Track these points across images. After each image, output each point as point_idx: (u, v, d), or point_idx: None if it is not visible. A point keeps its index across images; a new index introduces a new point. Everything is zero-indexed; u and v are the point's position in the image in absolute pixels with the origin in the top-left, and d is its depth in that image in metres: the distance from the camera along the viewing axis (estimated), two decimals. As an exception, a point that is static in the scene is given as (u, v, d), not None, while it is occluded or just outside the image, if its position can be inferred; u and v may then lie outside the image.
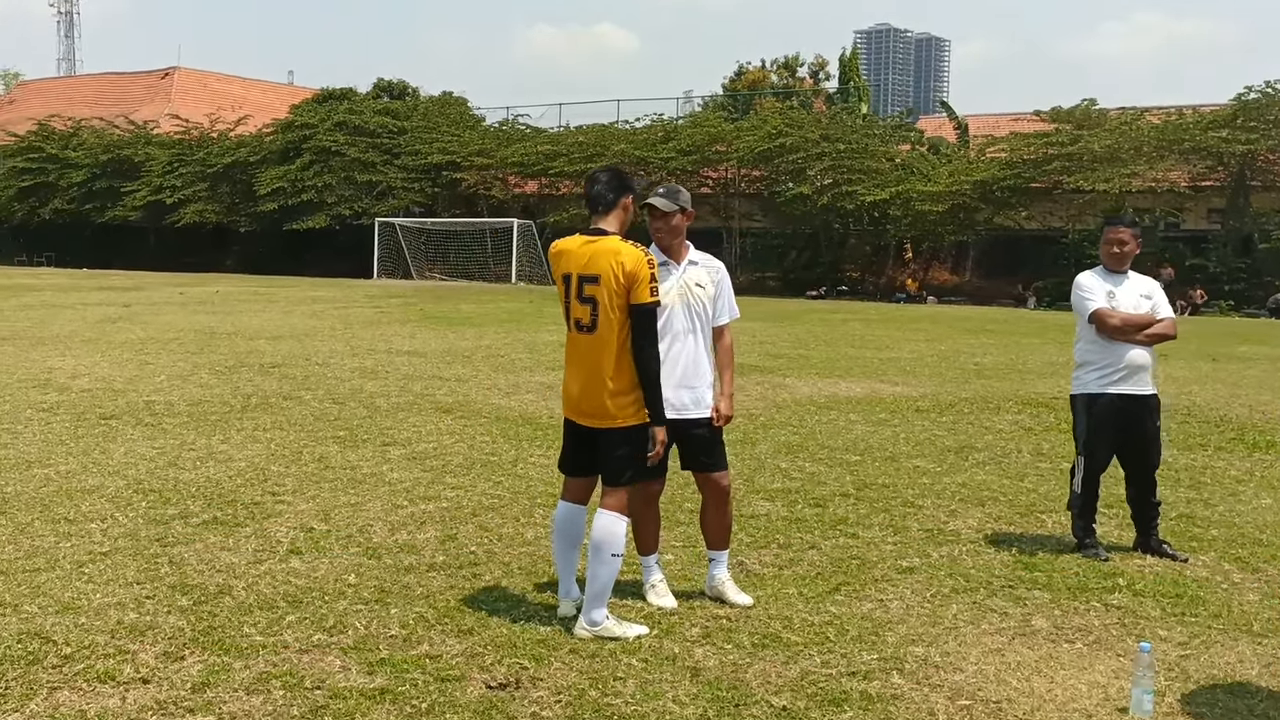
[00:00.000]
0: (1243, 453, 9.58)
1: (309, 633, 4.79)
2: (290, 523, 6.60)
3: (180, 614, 4.99)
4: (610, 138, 43.66)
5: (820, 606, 5.23)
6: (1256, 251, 35.29)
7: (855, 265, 42.07)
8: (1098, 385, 6.32)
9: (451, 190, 47.05)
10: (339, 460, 8.45)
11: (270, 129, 50.05)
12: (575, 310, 4.84)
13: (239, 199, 48.98)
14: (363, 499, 7.22)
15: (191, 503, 7.05)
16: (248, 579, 5.52)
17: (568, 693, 4.21)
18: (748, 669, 4.46)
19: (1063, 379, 14.61)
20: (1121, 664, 4.59)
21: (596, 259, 4.78)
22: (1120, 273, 6.49)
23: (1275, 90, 35.30)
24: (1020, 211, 38.06)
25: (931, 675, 4.43)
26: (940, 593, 5.49)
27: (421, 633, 4.81)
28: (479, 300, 30.51)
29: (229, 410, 10.68)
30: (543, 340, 18.48)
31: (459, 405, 11.27)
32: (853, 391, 13.05)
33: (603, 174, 5.00)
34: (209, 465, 8.19)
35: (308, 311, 24.39)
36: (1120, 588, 5.61)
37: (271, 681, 4.28)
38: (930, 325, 25.03)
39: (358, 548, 6.10)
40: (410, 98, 53.29)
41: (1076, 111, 38.30)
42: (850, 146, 38.90)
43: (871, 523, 6.83)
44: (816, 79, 62.37)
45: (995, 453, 9.31)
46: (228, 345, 16.69)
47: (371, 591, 5.35)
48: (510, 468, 8.29)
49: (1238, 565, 6.07)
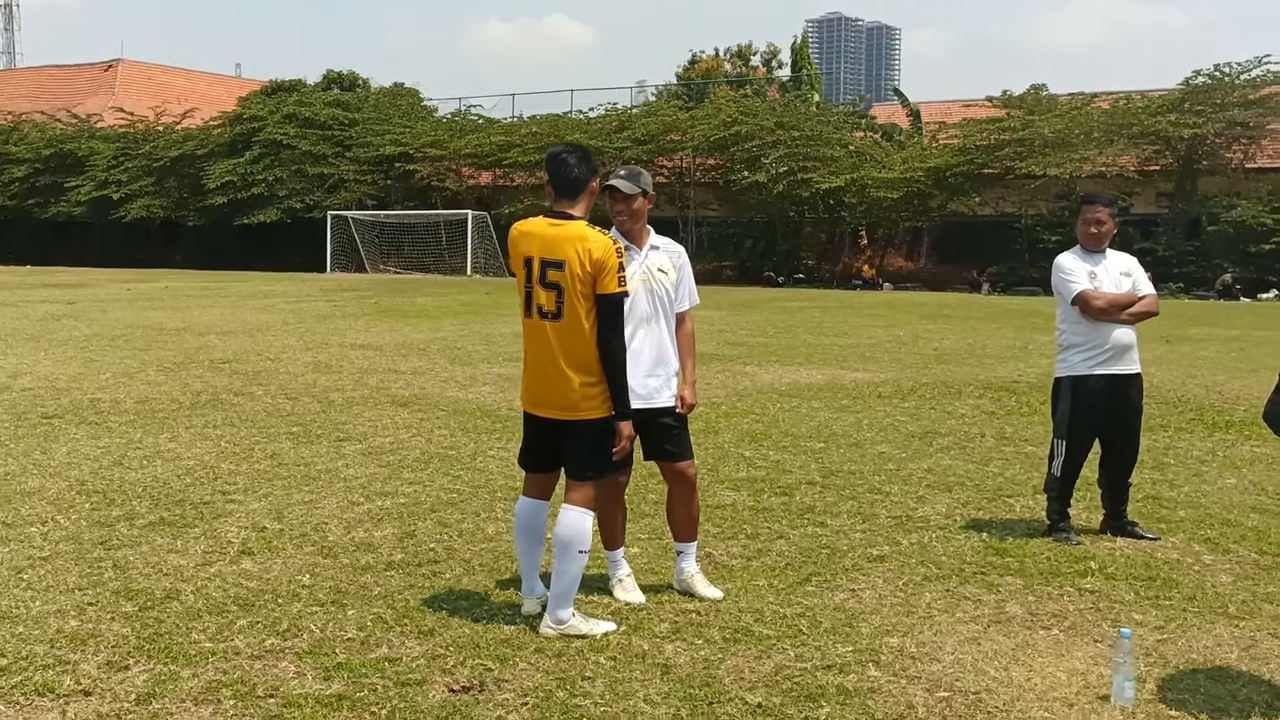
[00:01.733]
0: (1203, 433, 9.58)
1: (261, 637, 4.59)
2: (241, 522, 6.38)
3: (124, 620, 4.77)
4: (565, 128, 43.31)
5: (791, 598, 5.10)
6: (1204, 234, 35.65)
7: (811, 252, 42.07)
8: (1085, 367, 6.23)
9: (404, 182, 46.51)
10: (292, 457, 8.22)
11: (218, 122, 49.17)
12: (538, 296, 4.62)
13: (187, 193, 48.08)
14: (317, 496, 7.00)
15: (138, 503, 6.80)
16: (196, 582, 5.30)
17: (534, 694, 4.05)
18: (720, 665, 4.32)
19: (1022, 363, 14.64)
20: (1099, 650, 4.49)
21: (561, 244, 4.58)
22: (1099, 252, 6.39)
23: (1222, 74, 35.68)
24: (974, 197, 38.18)
25: (908, 667, 4.30)
26: (912, 581, 5.37)
27: (380, 635, 4.62)
28: (434, 293, 30.16)
29: (178, 407, 10.39)
30: (499, 332, 18.25)
31: (415, 399, 11.05)
32: (814, 378, 12.96)
33: (569, 154, 4.73)
34: (156, 464, 7.93)
35: (259, 306, 23.97)
36: (1092, 571, 5.53)
37: (221, 690, 4.07)
38: (887, 311, 25.04)
39: (312, 547, 5.89)
40: (361, 89, 52.52)
41: (1027, 97, 38.49)
42: (805, 134, 38.84)
43: (839, 511, 6.71)
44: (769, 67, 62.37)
45: (959, 437, 9.24)
46: (176, 341, 16.32)
47: (327, 592, 5.15)
48: (469, 462, 8.09)
49: (1208, 546, 6.01)
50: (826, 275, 40.34)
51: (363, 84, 53.60)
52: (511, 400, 10.97)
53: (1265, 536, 6.18)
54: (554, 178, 4.74)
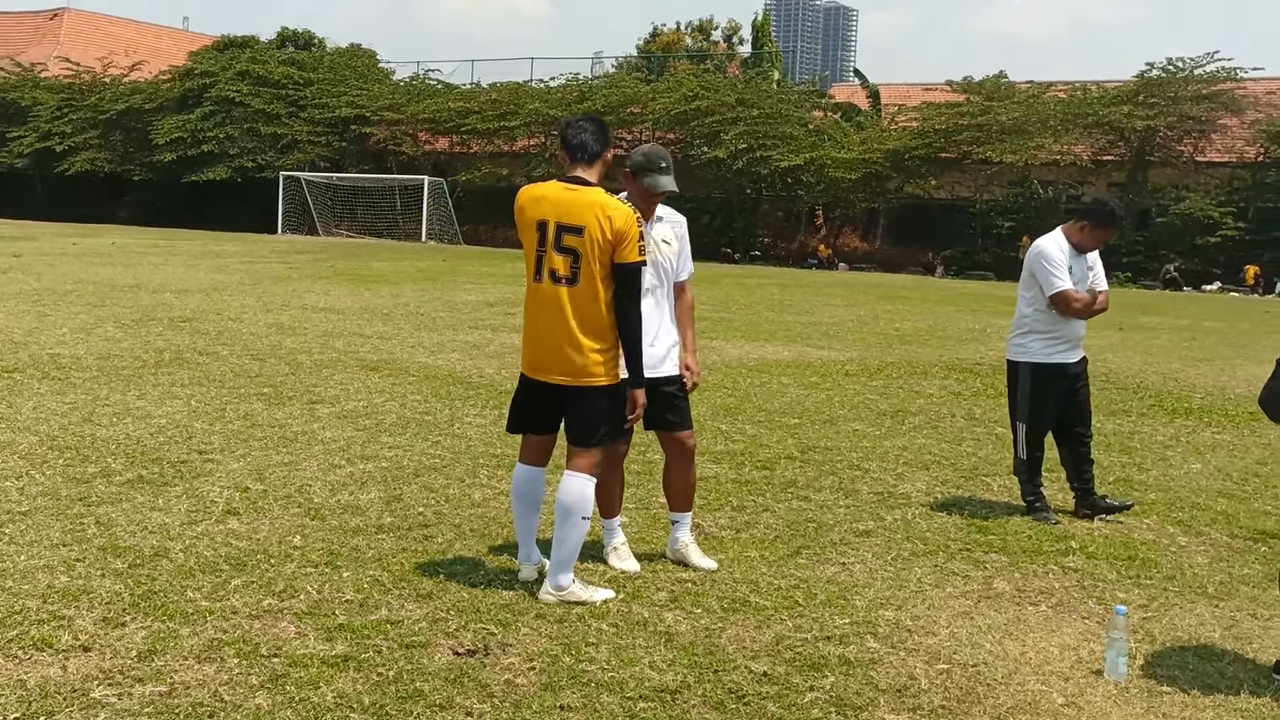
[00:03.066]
0: (1164, 419, 9.78)
1: (258, 597, 4.56)
2: (223, 482, 6.31)
3: (116, 577, 4.71)
4: (524, 96, 43.02)
5: (784, 570, 5.15)
6: (1153, 225, 36.29)
7: (767, 230, 42.25)
8: (1044, 355, 6.36)
9: (359, 145, 45.97)
10: (266, 418, 8.13)
11: (168, 76, 48.20)
12: (552, 260, 4.58)
13: (134, 148, 47.18)
14: (297, 458, 6.94)
15: (113, 460, 6.70)
16: (184, 540, 5.24)
17: (540, 659, 4.06)
18: (721, 634, 4.36)
19: (983, 345, 14.83)
20: (1088, 626, 4.60)
21: (581, 209, 4.54)
22: (1083, 255, 6.49)
23: (1176, 69, 36.22)
24: (930, 180, 38.55)
25: (906, 639, 4.38)
26: (900, 556, 5.45)
27: (378, 597, 4.60)
28: (390, 258, 29.88)
29: (142, 365, 10.23)
30: (461, 300, 18.14)
31: (385, 363, 10.97)
32: (780, 355, 13.04)
33: (588, 122, 4.73)
34: (127, 422, 7.81)
35: (213, 265, 23.61)
36: (1073, 550, 5.65)
37: (224, 649, 4.04)
38: (845, 291, 25.23)
39: (298, 508, 5.85)
40: (316, 49, 51.77)
41: (986, 83, 38.86)
42: (765, 112, 38.92)
43: (822, 486, 6.78)
44: (730, 43, 62.29)
45: (930, 417, 9.36)
46: (131, 298, 16.03)
47: (319, 554, 5.12)
48: (447, 427, 8.06)
49: (1181, 529, 6.16)
50: (782, 253, 40.55)
51: (318, 43, 52.85)
52: (483, 368, 10.93)
53: (1235, 520, 6.35)
54: (570, 144, 4.72)
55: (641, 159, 5.00)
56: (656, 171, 5.00)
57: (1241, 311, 24.71)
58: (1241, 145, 35.80)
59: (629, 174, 5.03)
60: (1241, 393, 11.43)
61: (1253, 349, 16.15)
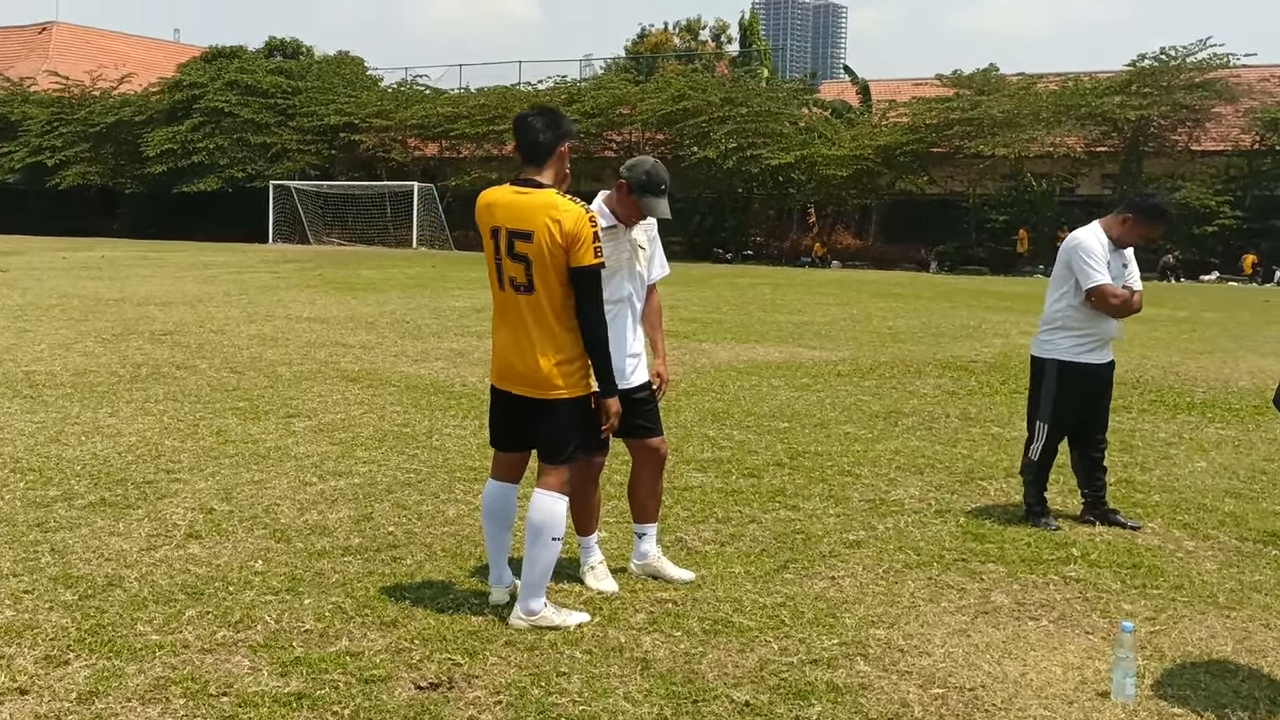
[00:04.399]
0: (1166, 415, 9.53)
1: (212, 629, 4.30)
2: (188, 503, 6.05)
3: (64, 610, 4.45)
4: (513, 100, 42.72)
5: (770, 586, 4.90)
6: (1149, 216, 36.01)
7: (759, 229, 41.99)
8: (1072, 353, 6.09)
9: (349, 153, 45.68)
10: (239, 434, 7.87)
11: (157, 88, 47.90)
12: (508, 268, 4.33)
13: (124, 161, 46.88)
14: (267, 476, 6.68)
15: (76, 482, 6.44)
16: (141, 568, 4.98)
17: (507, 691, 3.80)
18: (701, 659, 4.10)
19: (977, 342, 14.58)
20: (1092, 643, 4.34)
21: (529, 213, 4.29)
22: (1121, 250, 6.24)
23: (1168, 57, 36.00)
24: (922, 176, 38.31)
25: (898, 661, 4.12)
26: (892, 568, 5.20)
27: (339, 626, 4.35)
28: (380, 265, 29.61)
29: (117, 380, 9.97)
30: (448, 306, 17.88)
31: (366, 374, 10.71)
32: (771, 356, 12.79)
33: (535, 117, 4.43)
34: (95, 441, 7.55)
35: (200, 277, 23.35)
36: (1075, 559, 5.39)
37: (170, 688, 3.79)
38: (838, 289, 24.98)
39: (264, 530, 5.59)
40: (304, 57, 51.52)
41: (976, 77, 38.61)
42: (754, 110, 38.66)
43: (811, 494, 6.52)
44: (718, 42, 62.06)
45: (923, 418, 9.11)
46: (114, 312, 15.78)
47: (281, 580, 4.86)
48: (425, 440, 7.80)
49: (1187, 532, 5.90)
50: (775, 252, 40.30)
51: (306, 52, 52.64)
52: (465, 377, 10.68)
53: (1243, 522, 6.09)
54: (519, 142, 4.45)
55: (644, 178, 4.69)
56: (655, 194, 4.71)
57: (1240, 301, 24.47)
58: (1236, 133, 35.57)
59: (623, 185, 4.74)
60: (1245, 386, 11.18)
61: (1254, 340, 15.93)
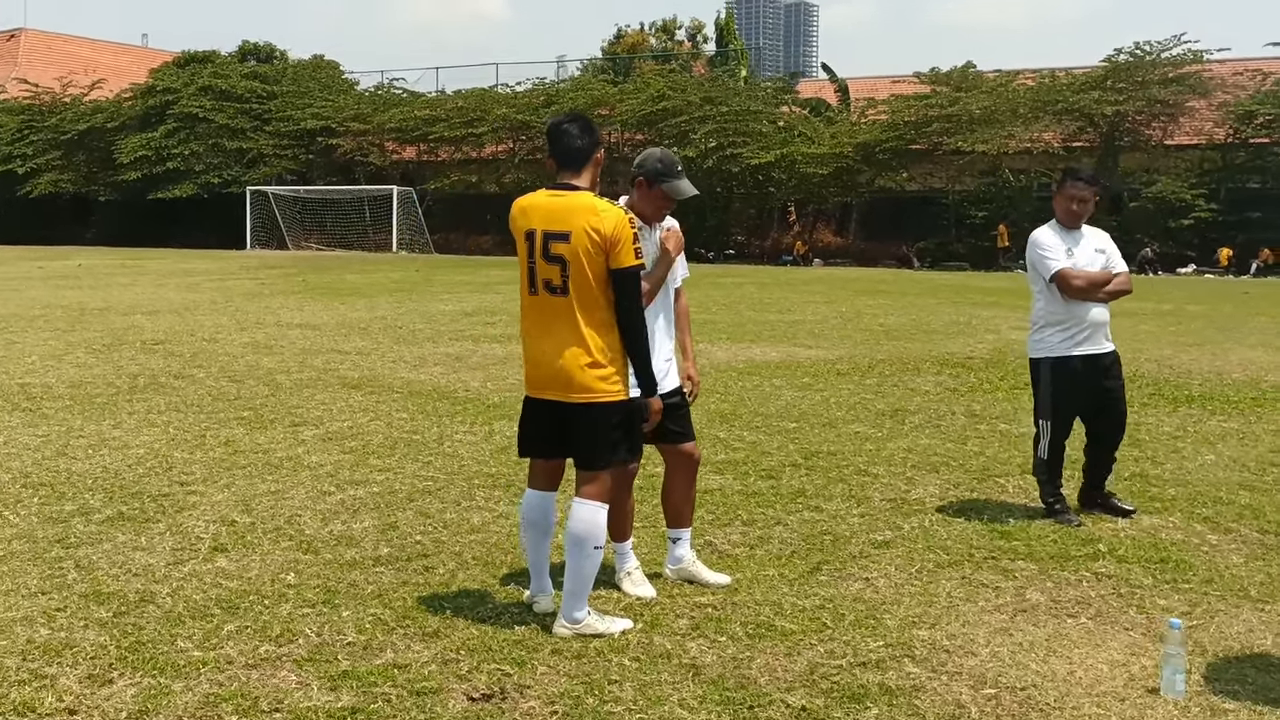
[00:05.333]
0: (1167, 408, 9.60)
1: (254, 644, 4.26)
2: (207, 515, 6.00)
3: (100, 628, 4.41)
4: (491, 101, 42.69)
5: (806, 589, 4.90)
6: (1126, 210, 36.29)
7: (740, 228, 42.04)
8: (1062, 348, 6.13)
9: (326, 157, 45.47)
10: (248, 443, 7.82)
11: (129, 94, 47.53)
12: (543, 270, 4.32)
13: (97, 168, 46.51)
14: (283, 486, 6.64)
15: (90, 497, 6.38)
16: (171, 583, 4.94)
17: (561, 701, 3.79)
18: (750, 664, 4.10)
19: (971, 339, 14.65)
20: (1133, 639, 4.37)
21: (567, 215, 4.29)
22: (1076, 229, 6.28)
23: (1144, 52, 36.28)
24: (901, 173, 38.48)
25: (946, 661, 4.13)
26: (925, 568, 5.21)
27: (382, 638, 4.32)
28: (362, 270, 29.49)
29: (115, 392, 9.88)
30: (438, 310, 17.83)
31: (366, 380, 10.65)
32: (769, 356, 12.81)
33: (571, 124, 4.44)
34: (103, 454, 7.48)
35: (183, 284, 23.18)
36: (1103, 554, 5.42)
37: (221, 705, 3.75)
38: (823, 287, 25.04)
39: (289, 541, 5.55)
40: (279, 61, 51.18)
41: (954, 74, 38.83)
42: (734, 109, 38.73)
43: (832, 494, 6.53)
44: (695, 42, 62.10)
45: (930, 416, 9.14)
46: (101, 321, 15.64)
47: (316, 592, 4.82)
48: (436, 446, 7.77)
49: (1208, 526, 5.95)
50: (756, 251, 40.36)
51: (280, 56, 52.27)
52: (467, 381, 10.65)
53: (1262, 514, 6.14)
54: (555, 148, 4.46)
55: (658, 165, 4.75)
56: (674, 176, 4.79)
57: (1221, 293, 24.69)
58: (1210, 127, 35.86)
59: (641, 182, 4.78)
60: (1239, 378, 11.28)
61: (1239, 331, 16.06)
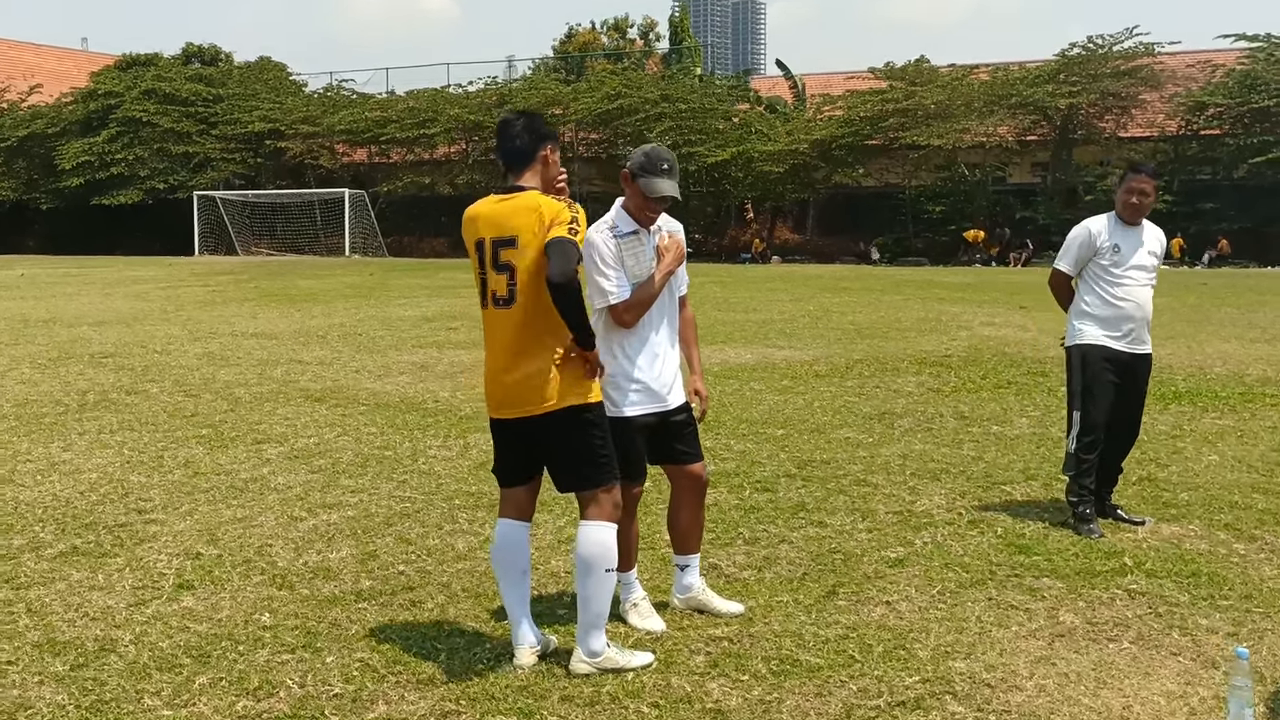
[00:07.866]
0: (1158, 406, 9.36)
1: (230, 699, 3.86)
2: (170, 548, 5.57)
3: (57, 684, 3.98)
4: (443, 102, 42.09)
5: (825, 616, 4.56)
6: (1081, 203, 36.38)
7: (697, 227, 41.76)
8: (1091, 337, 5.96)
9: (276, 160, 44.64)
10: (209, 464, 7.37)
11: (69, 99, 46.39)
12: (492, 281, 4.00)
13: (38, 174, 45.35)
14: (250, 511, 6.21)
15: (41, 529, 5.91)
16: (134, 628, 4.51)
17: (578, 758, 3.43)
18: (779, 706, 3.75)
19: (944, 336, 14.43)
20: (1183, 665, 4.07)
21: (512, 218, 3.96)
22: (1135, 224, 6.03)
23: (1096, 46, 36.44)
24: (858, 169, 38.41)
25: (991, 698, 3.81)
26: (946, 589, 4.89)
27: (372, 687, 3.93)
28: (315, 275, 28.86)
29: (64, 410, 9.36)
30: (397, 315, 17.35)
31: (330, 392, 10.20)
32: (743, 358, 12.50)
33: (516, 122, 4.14)
34: (53, 480, 7.00)
35: (130, 293, 22.48)
36: (1130, 569, 5.14)
37: (197, 774, 3.35)
38: (785, 285, 24.80)
39: (261, 575, 5.14)
40: (223, 63, 50.21)
41: (909, 69, 38.82)
42: (690, 107, 38.49)
43: (834, 507, 6.21)
44: (647, 40, 61.78)
45: (919, 419, 8.85)
46: (46, 334, 15.01)
47: (295, 634, 4.42)
48: (410, 463, 7.36)
49: (1232, 534, 5.69)
50: (714, 249, 40.15)
51: (225, 58, 51.28)
52: (436, 391, 10.23)
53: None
54: (500, 149, 4.18)
55: (641, 159, 4.42)
56: (655, 174, 4.41)
57: (1182, 285, 24.70)
58: (1163, 119, 36.11)
59: (625, 176, 4.44)
60: (1221, 372, 11.13)
61: (1209, 324, 15.98)
